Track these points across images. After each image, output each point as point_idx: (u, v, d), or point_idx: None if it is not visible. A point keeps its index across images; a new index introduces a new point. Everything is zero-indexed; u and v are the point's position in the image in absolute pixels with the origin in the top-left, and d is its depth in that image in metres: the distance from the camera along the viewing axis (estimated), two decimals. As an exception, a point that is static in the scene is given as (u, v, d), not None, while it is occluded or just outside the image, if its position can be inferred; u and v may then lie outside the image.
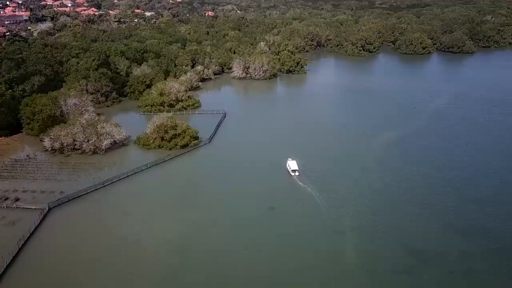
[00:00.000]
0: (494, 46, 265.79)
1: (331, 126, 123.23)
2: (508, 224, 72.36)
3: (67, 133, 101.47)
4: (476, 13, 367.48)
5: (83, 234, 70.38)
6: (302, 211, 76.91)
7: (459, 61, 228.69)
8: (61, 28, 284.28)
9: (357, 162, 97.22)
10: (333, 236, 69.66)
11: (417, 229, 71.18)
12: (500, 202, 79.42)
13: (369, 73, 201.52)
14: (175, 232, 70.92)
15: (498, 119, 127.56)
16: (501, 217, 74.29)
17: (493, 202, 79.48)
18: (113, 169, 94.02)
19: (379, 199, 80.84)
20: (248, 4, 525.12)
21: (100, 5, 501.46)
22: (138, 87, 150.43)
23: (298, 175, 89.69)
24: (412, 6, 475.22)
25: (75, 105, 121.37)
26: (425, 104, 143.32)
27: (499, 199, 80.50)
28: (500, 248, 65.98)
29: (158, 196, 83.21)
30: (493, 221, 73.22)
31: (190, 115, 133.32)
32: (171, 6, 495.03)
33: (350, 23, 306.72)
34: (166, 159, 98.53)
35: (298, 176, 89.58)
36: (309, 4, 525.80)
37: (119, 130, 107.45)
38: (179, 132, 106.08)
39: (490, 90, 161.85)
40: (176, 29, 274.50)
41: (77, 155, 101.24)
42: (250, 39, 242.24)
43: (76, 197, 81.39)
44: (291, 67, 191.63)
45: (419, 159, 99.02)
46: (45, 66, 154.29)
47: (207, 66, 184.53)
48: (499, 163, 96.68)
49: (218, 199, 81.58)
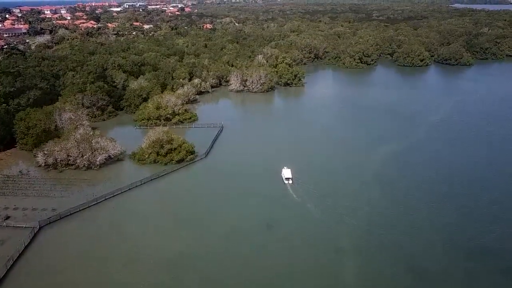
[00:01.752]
0: (491, 58, 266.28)
1: (329, 139, 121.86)
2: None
3: (61, 148, 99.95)
4: (472, 25, 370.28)
5: (74, 254, 68.37)
6: (300, 229, 75.01)
7: (457, 73, 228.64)
8: (59, 41, 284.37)
9: (355, 175, 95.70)
10: (327, 246, 67.78)
11: (417, 246, 69.31)
12: (502, 219, 77.58)
13: (367, 85, 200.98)
14: (169, 251, 68.91)
15: (499, 132, 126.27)
16: (505, 235, 72.43)
17: (495, 219, 77.69)
18: (107, 185, 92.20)
19: (375, 212, 79.09)
20: (246, 17, 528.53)
21: (99, 18, 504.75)
22: (134, 100, 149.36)
23: (291, 183, 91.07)
24: (409, 18, 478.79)
25: (70, 119, 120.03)
26: (424, 117, 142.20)
27: (501, 217, 78.65)
28: (506, 268, 64.09)
29: (152, 213, 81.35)
30: (496, 239, 71.35)
31: (186, 128, 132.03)
32: (170, 19, 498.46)
33: (348, 36, 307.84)
34: (161, 174, 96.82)
35: (291, 184, 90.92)
36: (306, 16, 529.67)
37: (114, 145, 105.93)
38: (175, 147, 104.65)
39: (489, 103, 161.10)
40: (174, 41, 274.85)
41: (71, 171, 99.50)
42: (248, 51, 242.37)
43: (68, 215, 79.47)
44: (289, 79, 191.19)
45: (418, 173, 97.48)
46: (41, 80, 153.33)
47: (205, 79, 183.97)
48: (501, 178, 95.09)
49: (213, 216, 79.74)
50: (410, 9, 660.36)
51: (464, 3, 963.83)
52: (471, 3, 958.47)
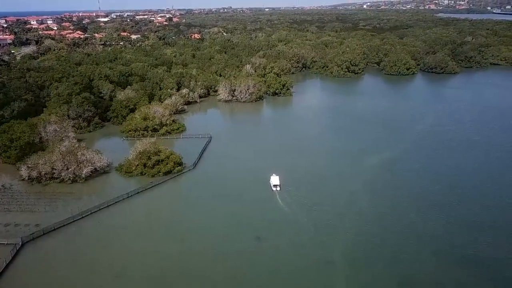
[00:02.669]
0: (476, 66, 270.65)
1: (317, 148, 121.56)
2: (503, 252, 70.52)
3: (45, 161, 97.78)
4: (457, 34, 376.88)
5: (58, 271, 66.31)
6: (292, 243, 74.03)
7: (443, 81, 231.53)
8: (45, 52, 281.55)
9: (342, 183, 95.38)
10: (316, 257, 66.96)
11: (407, 255, 68.84)
12: (493, 228, 77.66)
13: (355, 94, 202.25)
14: (157, 267, 67.23)
15: (486, 141, 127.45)
16: (496, 245, 72.38)
17: (486, 228, 77.73)
18: (93, 198, 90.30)
19: (364, 219, 78.63)
20: (234, 27, 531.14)
21: (86, 28, 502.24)
22: (121, 111, 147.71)
23: (279, 190, 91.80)
24: (395, 27, 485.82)
25: (55, 131, 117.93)
26: (412, 126, 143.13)
27: (492, 225, 78.73)
28: (497, 278, 63.90)
29: (139, 226, 79.64)
30: (488, 248, 71.30)
31: (174, 139, 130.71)
32: (158, 28, 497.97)
33: (335, 45, 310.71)
34: (148, 187, 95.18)
35: (279, 191, 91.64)
36: (294, 26, 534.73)
37: (100, 157, 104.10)
38: (162, 158, 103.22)
39: (475, 111, 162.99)
40: (162, 51, 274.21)
41: (56, 184, 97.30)
42: (236, 61, 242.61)
43: (52, 230, 77.35)
44: (277, 89, 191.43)
45: (406, 181, 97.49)
46: (26, 91, 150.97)
47: (193, 89, 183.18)
48: (489, 186, 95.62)
49: (201, 229, 78.35)
50: (395, 19, 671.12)
51: (448, 13, 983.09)
52: (455, 13, 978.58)
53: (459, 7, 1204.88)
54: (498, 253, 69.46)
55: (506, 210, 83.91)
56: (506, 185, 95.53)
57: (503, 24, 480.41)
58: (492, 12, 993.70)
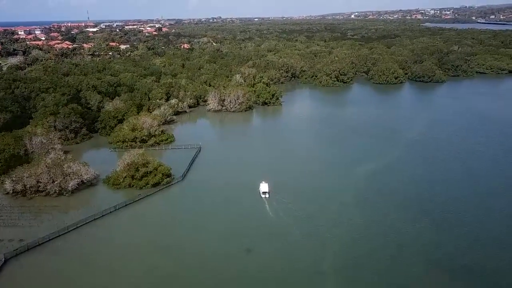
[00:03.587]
0: (462, 75, 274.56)
1: (308, 159, 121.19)
2: (495, 262, 70.52)
3: (30, 174, 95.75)
4: (443, 44, 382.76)
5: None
6: (281, 253, 73.15)
7: (430, 90, 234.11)
8: (32, 62, 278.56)
9: (331, 191, 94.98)
10: (306, 266, 66.12)
11: (399, 266, 68.36)
12: (483, 238, 77.73)
13: (344, 103, 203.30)
14: (144, 281, 65.76)
15: (474, 149, 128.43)
16: (488, 255, 72.41)
17: (476, 238, 77.76)
18: (79, 212, 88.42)
19: (351, 227, 78.18)
20: (224, 37, 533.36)
21: (75, 39, 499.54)
22: (109, 122, 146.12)
23: (268, 197, 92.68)
24: (383, 37, 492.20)
25: (41, 143, 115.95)
26: (401, 134, 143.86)
27: (482, 235, 78.81)
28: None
29: (126, 241, 78.00)
30: (479, 259, 71.22)
31: (163, 150, 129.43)
32: (147, 39, 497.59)
33: (324, 54, 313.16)
34: (136, 199, 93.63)
35: (268, 198, 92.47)
36: (283, 36, 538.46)
37: (87, 169, 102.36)
38: (150, 170, 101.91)
39: (463, 120, 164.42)
40: (151, 62, 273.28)
41: (41, 198, 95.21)
42: (225, 71, 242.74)
43: (37, 245, 75.38)
44: (267, 99, 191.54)
45: (397, 192, 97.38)
46: (12, 102, 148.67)
47: (182, 99, 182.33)
48: (479, 196, 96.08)
49: (190, 242, 77.07)
50: (383, 28, 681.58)
51: (434, 22, 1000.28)
52: (441, 22, 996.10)
53: (445, 17, 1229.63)
54: (491, 263, 69.43)
55: (493, 218, 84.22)
56: (494, 193, 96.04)
57: (488, 34, 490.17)
58: (477, 22, 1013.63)
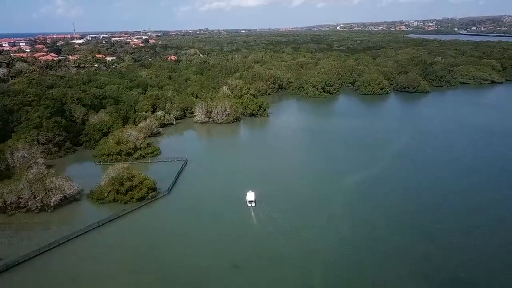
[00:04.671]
0: (446, 85, 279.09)
1: (294, 170, 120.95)
2: (485, 272, 70.50)
3: (10, 190, 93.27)
4: (427, 55, 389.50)
5: (21, 309, 62.16)
6: (271, 269, 72.11)
7: (415, 100, 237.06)
8: (16, 75, 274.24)
9: (317, 200, 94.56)
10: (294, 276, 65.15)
11: (388, 277, 67.86)
12: (473, 248, 77.81)
13: (331, 114, 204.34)
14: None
15: (459, 158, 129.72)
16: (478, 266, 72.37)
17: (465, 248, 77.81)
18: (61, 228, 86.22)
19: (336, 235, 77.64)
20: (211, 48, 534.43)
21: (60, 51, 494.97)
22: (94, 135, 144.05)
23: (254, 206, 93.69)
24: (368, 48, 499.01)
25: (23, 158, 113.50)
26: (388, 145, 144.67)
27: (471, 246, 78.90)
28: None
29: (110, 257, 76.12)
30: (469, 269, 71.13)
31: (149, 163, 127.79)
32: (133, 50, 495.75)
33: (310, 66, 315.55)
34: (120, 214, 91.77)
35: (254, 207, 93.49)
36: (270, 47, 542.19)
37: (70, 184, 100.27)
38: (135, 184, 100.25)
39: (448, 130, 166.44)
40: (137, 73, 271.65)
41: (22, 214, 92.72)
42: (212, 83, 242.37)
43: (17, 264, 73.01)
44: (254, 110, 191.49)
45: (384, 202, 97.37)
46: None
47: (168, 111, 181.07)
48: (464, 205, 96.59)
49: (177, 258, 75.65)
50: (368, 39, 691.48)
51: (417, 34, 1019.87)
52: (424, 34, 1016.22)
53: (428, 28, 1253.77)
54: (482, 274, 69.38)
55: (484, 228, 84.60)
56: (480, 203, 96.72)
57: (470, 45, 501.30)
58: (459, 33, 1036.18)
